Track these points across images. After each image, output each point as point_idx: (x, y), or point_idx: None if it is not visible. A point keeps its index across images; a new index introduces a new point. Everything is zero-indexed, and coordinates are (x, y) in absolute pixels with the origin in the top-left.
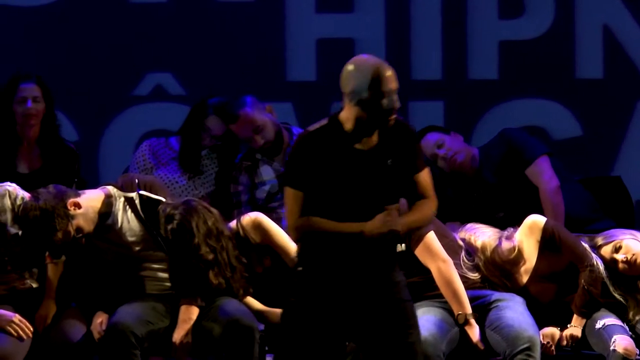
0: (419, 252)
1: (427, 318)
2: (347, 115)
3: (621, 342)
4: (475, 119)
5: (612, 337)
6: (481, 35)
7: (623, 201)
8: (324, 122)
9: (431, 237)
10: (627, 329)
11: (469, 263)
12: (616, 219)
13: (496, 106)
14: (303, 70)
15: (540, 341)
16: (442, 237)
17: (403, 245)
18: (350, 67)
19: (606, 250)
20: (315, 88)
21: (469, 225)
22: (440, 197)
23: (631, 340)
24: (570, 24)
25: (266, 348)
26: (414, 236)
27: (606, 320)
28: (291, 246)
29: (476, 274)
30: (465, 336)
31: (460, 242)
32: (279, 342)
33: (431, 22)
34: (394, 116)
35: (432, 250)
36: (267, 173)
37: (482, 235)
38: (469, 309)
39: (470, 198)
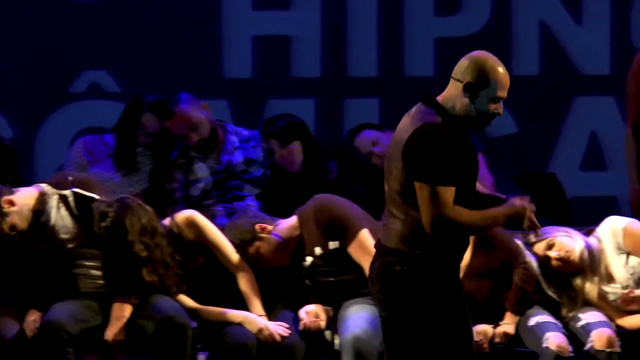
0: (352, 249)
1: (360, 315)
2: (453, 101)
3: (554, 339)
4: None
5: (545, 334)
6: (417, 32)
7: (558, 198)
8: (435, 115)
9: (365, 234)
10: (561, 326)
11: None
12: (551, 216)
13: None
14: (239, 68)
15: (474, 338)
16: (376, 235)
17: (336, 242)
18: (472, 59)
19: (540, 248)
20: (251, 85)
21: None
22: (375, 195)
23: (564, 337)
24: (506, 21)
25: (199, 346)
26: (348, 234)
27: (539, 317)
28: (225, 243)
29: None
30: None
31: None
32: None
33: (367, 19)
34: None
35: (366, 247)
36: (201, 170)
37: None
38: None
39: None
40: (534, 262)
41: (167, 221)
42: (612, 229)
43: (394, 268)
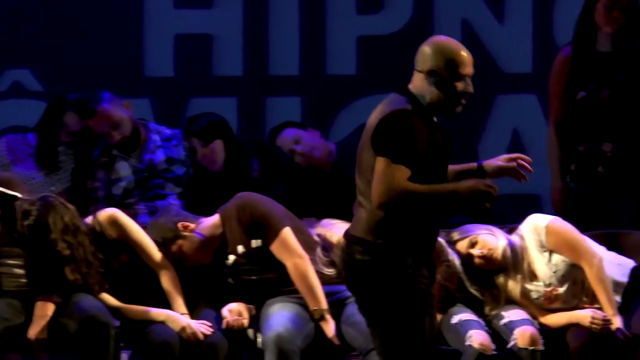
0: (274, 247)
1: (282, 314)
2: (422, 92)
3: (477, 337)
4: (333, 114)
5: (468, 332)
6: (339, 31)
7: None
8: (406, 103)
9: (287, 233)
10: (484, 324)
11: (325, 259)
12: (473, 214)
13: (354, 101)
14: (161, 66)
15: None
16: (298, 233)
17: (259, 241)
18: (428, 47)
19: (462, 245)
20: (173, 84)
21: (326, 220)
22: (297, 193)
23: (487, 335)
24: (428, 19)
25: (122, 344)
26: (270, 232)
27: (462, 315)
28: (147, 242)
29: (332, 270)
30: (321, 332)
31: (317, 238)
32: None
33: (289, 18)
34: (464, 105)
35: (288, 246)
36: (124, 169)
37: (338, 230)
38: (324, 305)
39: (327, 193)
40: (456, 260)
41: (89, 220)
42: (534, 227)
43: (355, 257)
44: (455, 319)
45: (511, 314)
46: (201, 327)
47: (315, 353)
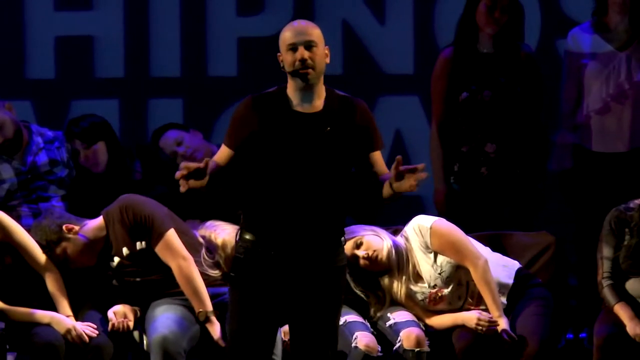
0: (159, 249)
1: (167, 316)
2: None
3: (363, 338)
4: (215, 115)
5: (354, 333)
6: (220, 32)
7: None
8: (273, 88)
9: (171, 234)
10: (369, 325)
11: (210, 260)
12: (356, 215)
13: (235, 103)
14: (42, 68)
15: (282, 338)
16: (182, 235)
17: (143, 242)
18: None
19: (347, 247)
20: (54, 86)
21: (209, 222)
22: (180, 195)
23: (373, 337)
24: (309, 19)
25: (7, 346)
26: (154, 234)
27: (347, 316)
28: (31, 244)
29: (217, 271)
30: (207, 333)
31: (201, 240)
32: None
33: (170, 19)
34: (304, 70)
35: (173, 247)
36: (6, 171)
37: (222, 232)
38: (209, 306)
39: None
40: None
41: None
42: (419, 228)
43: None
44: (340, 321)
45: (396, 316)
46: (86, 329)
47: (201, 355)
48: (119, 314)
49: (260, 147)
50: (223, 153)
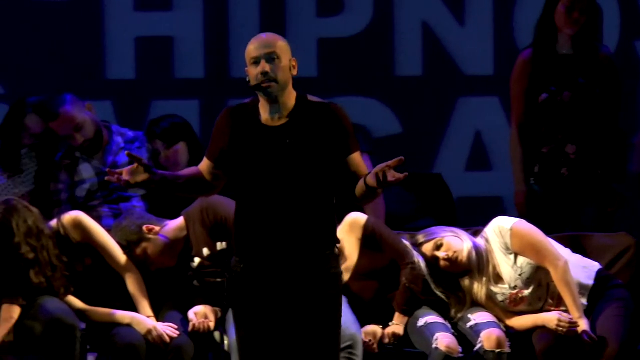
0: None
1: None
2: None
3: (443, 339)
4: None
5: (435, 334)
6: (300, 33)
7: (444, 199)
8: (248, 99)
9: None
10: (449, 326)
11: None
12: (437, 216)
13: None
14: (122, 69)
15: (362, 339)
16: None
17: (224, 243)
18: None
19: (427, 248)
20: (134, 86)
21: None
22: None
23: (453, 338)
24: (389, 21)
25: (87, 347)
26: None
27: (428, 318)
28: (112, 245)
29: None
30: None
31: None
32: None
33: (250, 20)
34: (266, 84)
35: None
36: (87, 171)
37: None
38: None
39: None
40: (421, 263)
41: (53, 223)
42: (499, 230)
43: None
44: (421, 322)
45: (477, 317)
46: (167, 329)
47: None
48: (200, 314)
49: (231, 162)
50: (204, 163)
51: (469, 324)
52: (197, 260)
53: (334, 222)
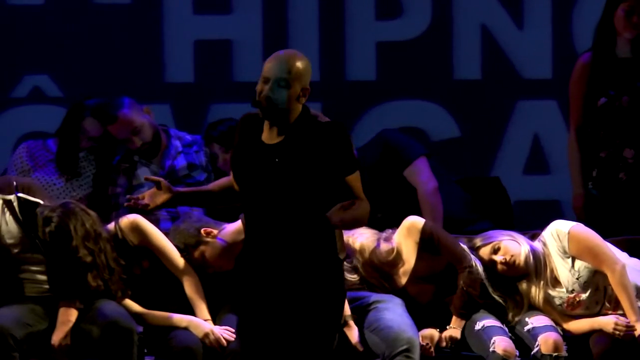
0: None
1: None
2: None
3: (500, 343)
4: (353, 120)
5: (492, 338)
6: (358, 36)
7: (501, 202)
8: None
9: None
10: (507, 330)
11: (348, 265)
12: (494, 220)
13: (374, 107)
14: (181, 72)
15: (420, 342)
16: None
17: None
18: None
19: (485, 252)
20: (193, 89)
21: None
22: None
23: (510, 342)
24: (447, 25)
25: (144, 350)
26: None
27: (485, 321)
28: (169, 248)
29: (355, 276)
30: (344, 337)
31: None
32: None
33: (309, 23)
34: (266, 110)
35: None
36: (144, 175)
37: (360, 236)
38: (347, 311)
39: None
40: (479, 266)
41: (111, 226)
42: (557, 233)
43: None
44: (478, 325)
45: (534, 320)
46: (224, 333)
47: (339, 359)
48: None
49: (237, 174)
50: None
51: (526, 328)
52: None
53: (329, 241)
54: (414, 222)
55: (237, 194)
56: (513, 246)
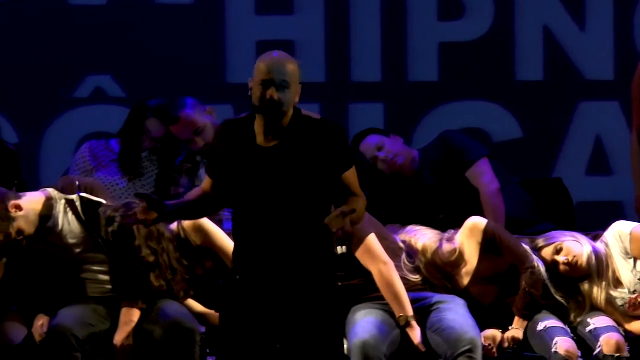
0: (359, 254)
1: (368, 320)
2: None
3: (563, 344)
4: (416, 121)
5: (554, 339)
6: (421, 37)
7: (564, 203)
8: (245, 114)
9: (372, 239)
10: (569, 330)
11: (410, 265)
12: (557, 221)
13: (436, 108)
14: (243, 72)
15: (482, 343)
16: (383, 240)
17: (344, 247)
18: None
19: (547, 252)
20: None
21: (410, 227)
22: (381, 200)
23: (573, 342)
24: (510, 26)
25: (207, 350)
26: (355, 239)
27: (548, 322)
28: (232, 248)
29: (417, 276)
30: (406, 338)
31: (401, 245)
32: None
33: (371, 24)
34: (270, 112)
35: (373, 252)
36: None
37: (423, 237)
38: (410, 311)
39: (410, 200)
40: (541, 267)
41: (174, 226)
42: (619, 234)
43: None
44: (540, 326)
45: (597, 321)
46: None
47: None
48: None
49: (227, 180)
50: (206, 181)
51: (588, 329)
52: None
53: (327, 239)
54: (477, 222)
55: (213, 202)
56: (575, 247)
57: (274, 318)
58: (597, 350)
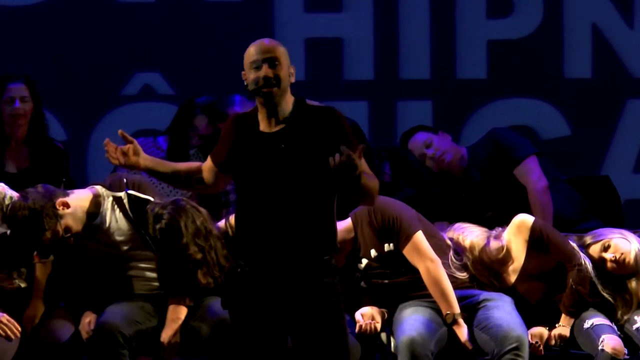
0: (407, 251)
1: (415, 318)
2: None
3: (609, 341)
4: (464, 118)
5: (601, 336)
6: (469, 35)
7: (611, 201)
8: (253, 107)
9: (419, 236)
10: (616, 328)
11: (457, 263)
12: (604, 218)
13: (484, 106)
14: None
15: (529, 341)
16: (430, 237)
17: (391, 244)
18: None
19: (595, 250)
20: (302, 88)
21: (457, 224)
22: (429, 197)
23: (619, 340)
24: (558, 23)
25: None
26: (402, 236)
27: (594, 319)
28: None
29: (464, 274)
30: (453, 336)
31: (449, 242)
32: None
33: (420, 22)
34: (268, 89)
35: (421, 250)
36: None
37: (470, 234)
38: (457, 309)
39: (458, 198)
40: (589, 264)
41: (221, 223)
42: None
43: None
44: (587, 323)
45: None
46: None
47: (448, 357)
48: (367, 315)
49: (233, 169)
50: (207, 162)
51: (635, 326)
52: (364, 261)
53: (332, 227)
54: (524, 219)
55: (204, 184)
56: (623, 244)
57: (279, 306)
58: None
